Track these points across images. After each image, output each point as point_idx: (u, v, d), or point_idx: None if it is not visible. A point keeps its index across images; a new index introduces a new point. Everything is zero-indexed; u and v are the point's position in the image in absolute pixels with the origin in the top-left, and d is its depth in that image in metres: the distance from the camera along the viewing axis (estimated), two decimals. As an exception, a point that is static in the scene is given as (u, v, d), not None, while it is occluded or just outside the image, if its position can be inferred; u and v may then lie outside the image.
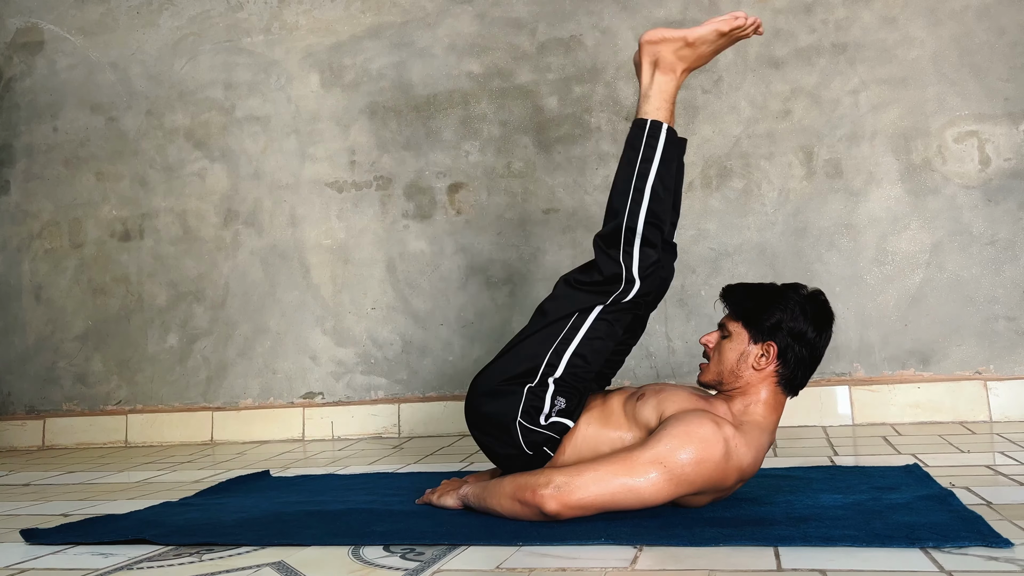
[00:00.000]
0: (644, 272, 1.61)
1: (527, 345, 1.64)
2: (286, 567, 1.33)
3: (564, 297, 1.66)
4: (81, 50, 3.49)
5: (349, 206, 3.16)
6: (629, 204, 1.61)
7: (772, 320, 1.53)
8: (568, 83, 2.98)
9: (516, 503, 1.46)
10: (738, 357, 1.55)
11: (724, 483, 1.45)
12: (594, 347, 1.62)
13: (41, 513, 1.95)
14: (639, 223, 1.60)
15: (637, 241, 1.60)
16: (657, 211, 1.61)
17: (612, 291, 1.62)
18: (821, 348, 1.55)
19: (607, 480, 1.40)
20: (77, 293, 3.42)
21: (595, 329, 1.62)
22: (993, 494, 1.58)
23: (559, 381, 1.60)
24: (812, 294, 1.57)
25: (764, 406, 1.54)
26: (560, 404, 1.60)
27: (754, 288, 1.61)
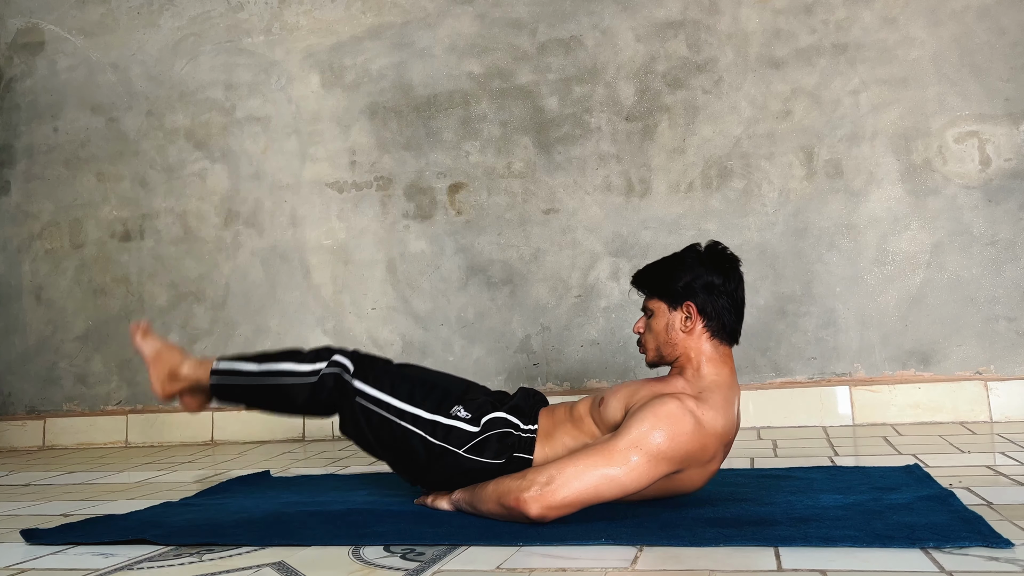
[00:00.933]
0: (314, 357, 1.76)
1: (396, 447, 1.68)
2: (286, 567, 1.33)
3: (346, 420, 1.74)
4: (82, 51, 3.49)
5: (349, 206, 3.16)
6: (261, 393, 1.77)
7: (680, 283, 1.59)
8: (568, 83, 2.98)
9: (501, 508, 1.48)
10: (665, 328, 1.60)
11: (704, 453, 1.48)
12: (402, 387, 1.70)
13: (41, 513, 1.95)
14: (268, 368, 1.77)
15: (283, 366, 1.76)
16: (264, 357, 1.79)
17: (341, 380, 1.72)
18: (736, 290, 1.61)
19: (587, 473, 1.42)
20: (77, 293, 3.42)
21: (382, 384, 1.71)
22: (993, 494, 1.58)
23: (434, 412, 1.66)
24: (708, 246, 1.63)
25: (711, 363, 1.58)
26: (459, 409, 1.66)
27: (655, 264, 1.67)
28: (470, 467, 1.61)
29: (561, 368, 2.92)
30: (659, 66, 2.90)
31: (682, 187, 2.86)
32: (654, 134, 2.89)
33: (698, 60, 2.87)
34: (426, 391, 1.70)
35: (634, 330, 1.67)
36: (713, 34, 2.86)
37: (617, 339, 2.88)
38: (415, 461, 1.66)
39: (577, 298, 2.93)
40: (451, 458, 1.62)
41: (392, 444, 1.67)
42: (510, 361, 2.97)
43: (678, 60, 2.89)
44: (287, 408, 1.79)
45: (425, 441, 1.64)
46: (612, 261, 2.90)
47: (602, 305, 2.90)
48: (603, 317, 2.90)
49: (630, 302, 2.88)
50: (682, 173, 2.86)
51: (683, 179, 2.86)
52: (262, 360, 1.79)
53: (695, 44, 2.88)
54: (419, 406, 1.67)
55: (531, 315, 2.96)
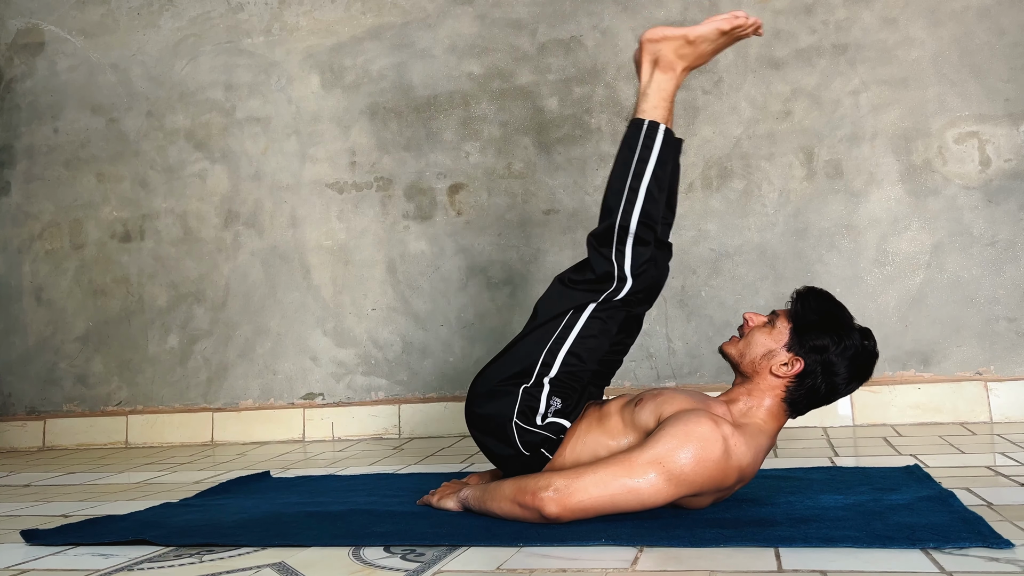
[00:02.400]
0: (636, 270, 1.61)
1: (522, 345, 1.65)
2: (286, 568, 1.33)
3: (557, 296, 1.67)
4: (82, 51, 3.49)
5: (350, 207, 3.16)
6: (623, 203, 1.62)
7: (819, 342, 1.50)
8: (568, 84, 2.98)
9: (516, 506, 1.46)
10: (765, 352, 1.53)
11: (724, 483, 1.44)
12: (588, 346, 1.62)
13: (41, 514, 1.95)
14: (632, 222, 1.61)
15: (630, 240, 1.61)
16: (651, 211, 1.62)
17: (604, 289, 1.62)
18: (841, 393, 1.54)
19: (607, 482, 1.40)
20: (78, 294, 3.42)
21: (589, 328, 1.62)
22: (994, 495, 1.58)
23: (554, 381, 1.61)
24: (870, 347, 1.53)
25: (766, 412, 1.53)
26: (556, 404, 1.60)
27: (828, 306, 1.56)
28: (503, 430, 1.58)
29: (561, 369, 2.92)
30: (659, 67, 2.90)
31: (682, 187, 2.85)
32: (654, 135, 2.89)
33: (698, 61, 2.87)
34: (580, 372, 1.62)
35: (745, 316, 1.59)
36: (713, 35, 2.86)
37: (617, 340, 2.87)
38: (503, 368, 1.63)
39: (577, 299, 2.92)
40: (508, 409, 1.59)
41: (527, 339, 1.64)
42: (510, 362, 2.97)
43: (678, 61, 2.88)
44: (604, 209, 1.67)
45: (523, 376, 1.60)
46: (612, 262, 2.90)
47: (602, 306, 2.90)
48: (603, 318, 2.89)
49: (630, 303, 2.88)
50: (682, 173, 2.86)
51: (683, 179, 2.86)
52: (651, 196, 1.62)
53: (695, 45, 2.87)
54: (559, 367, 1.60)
55: (531, 316, 2.96)
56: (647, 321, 2.83)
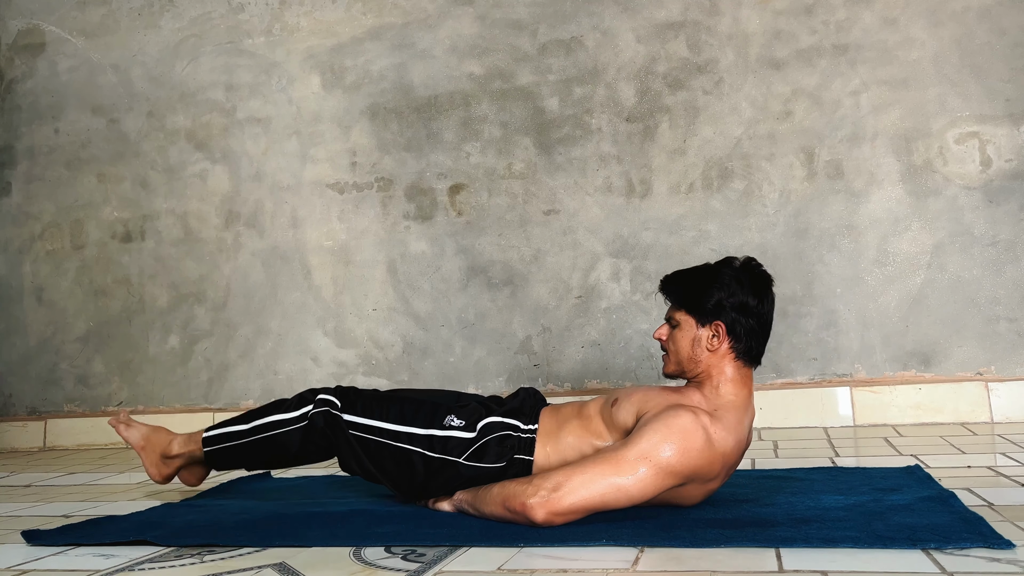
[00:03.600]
0: (298, 403, 1.77)
1: (397, 470, 1.69)
2: (287, 568, 1.33)
3: (344, 455, 1.74)
4: (82, 52, 3.49)
5: (350, 207, 3.16)
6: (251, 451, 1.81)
7: (712, 300, 1.55)
8: (569, 84, 2.98)
9: (506, 511, 1.47)
10: (691, 343, 1.56)
11: (710, 471, 1.47)
12: (391, 411, 1.70)
13: (42, 514, 1.95)
14: (253, 424, 1.79)
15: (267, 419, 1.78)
16: (243, 419, 1.81)
17: (329, 415, 1.74)
18: (768, 313, 1.57)
19: (595, 482, 1.41)
20: (78, 294, 3.42)
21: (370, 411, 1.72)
22: (994, 495, 1.58)
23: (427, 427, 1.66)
24: (744, 263, 1.58)
25: (732, 383, 1.55)
26: (452, 419, 1.66)
27: (688, 273, 1.63)
28: (472, 474, 1.62)
29: (562, 369, 2.92)
30: (660, 67, 2.90)
31: (683, 188, 2.86)
32: (655, 135, 2.89)
33: (699, 61, 2.88)
34: (415, 408, 1.70)
35: (655, 337, 1.64)
36: (713, 35, 2.86)
37: (618, 340, 2.88)
38: (416, 479, 1.66)
39: (578, 299, 2.93)
40: (452, 469, 1.63)
41: (393, 468, 1.68)
42: (511, 362, 2.97)
43: (679, 61, 2.89)
44: (285, 458, 1.81)
45: (424, 457, 1.64)
46: (613, 262, 2.90)
47: (603, 306, 2.90)
48: (604, 318, 2.90)
49: (631, 303, 2.88)
50: (683, 174, 2.86)
51: (684, 180, 2.86)
52: (249, 418, 1.81)
53: (695, 45, 2.88)
54: (411, 424, 1.67)
55: (532, 316, 2.96)
56: (647, 321, 2.84)
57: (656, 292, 1.67)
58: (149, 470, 1.94)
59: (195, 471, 1.97)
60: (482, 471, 1.61)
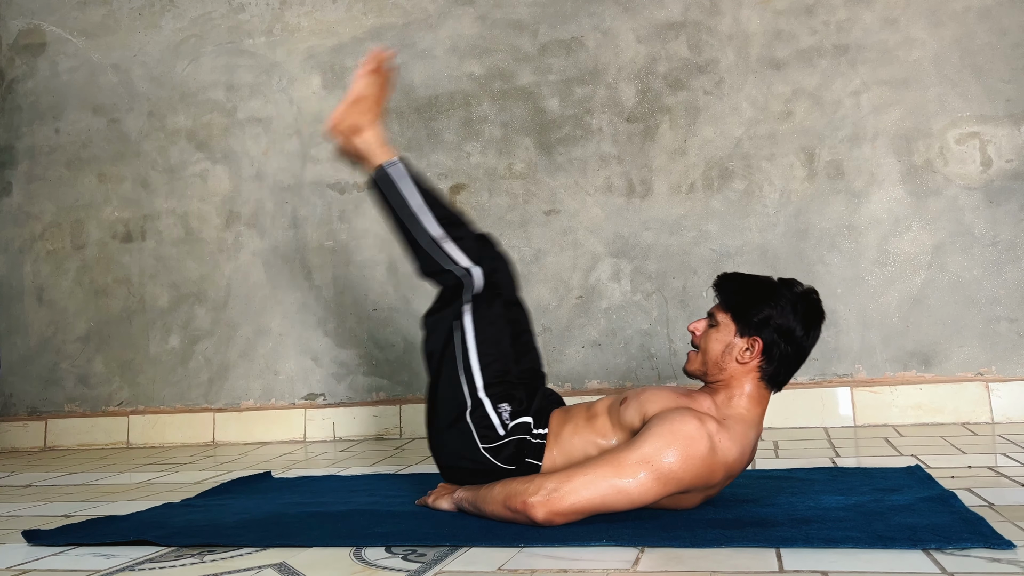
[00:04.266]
0: (473, 257, 1.69)
1: (441, 388, 1.68)
2: (288, 568, 1.33)
3: (433, 327, 1.73)
4: (83, 52, 3.50)
5: (351, 207, 3.16)
6: (415, 230, 1.72)
7: (761, 315, 1.52)
8: (569, 84, 2.98)
9: (507, 510, 1.47)
10: (723, 348, 1.54)
11: (712, 479, 1.45)
12: (491, 343, 1.67)
13: (43, 514, 1.96)
14: (435, 232, 1.70)
15: (446, 243, 1.70)
16: (442, 214, 1.72)
17: (463, 290, 1.68)
18: (808, 347, 1.55)
19: (596, 483, 1.41)
20: (79, 294, 3.42)
21: (478, 329, 1.67)
22: (995, 495, 1.58)
23: (488, 390, 1.64)
24: (805, 292, 1.55)
25: (747, 399, 1.54)
26: (505, 409, 1.63)
27: (748, 280, 1.59)
28: (480, 462, 1.61)
29: (562, 369, 2.92)
30: (660, 67, 2.90)
31: (683, 188, 2.86)
32: (655, 135, 2.89)
33: (699, 61, 2.88)
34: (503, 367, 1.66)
35: (690, 328, 1.60)
36: (714, 35, 2.86)
37: (618, 340, 2.88)
38: (440, 418, 1.66)
39: (578, 299, 2.93)
40: (470, 444, 1.61)
41: (440, 382, 1.67)
42: (511, 362, 2.97)
43: (679, 61, 2.89)
44: (410, 252, 1.75)
45: (461, 410, 1.63)
46: (613, 262, 2.90)
47: (603, 306, 2.90)
48: (604, 318, 2.90)
49: (631, 303, 2.88)
50: (683, 174, 2.86)
51: (684, 180, 2.86)
52: (432, 204, 1.72)
53: (696, 45, 2.88)
54: (482, 376, 1.64)
55: (532, 316, 2.95)
56: (648, 321, 2.84)
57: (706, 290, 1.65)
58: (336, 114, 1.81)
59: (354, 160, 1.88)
60: (491, 467, 1.60)
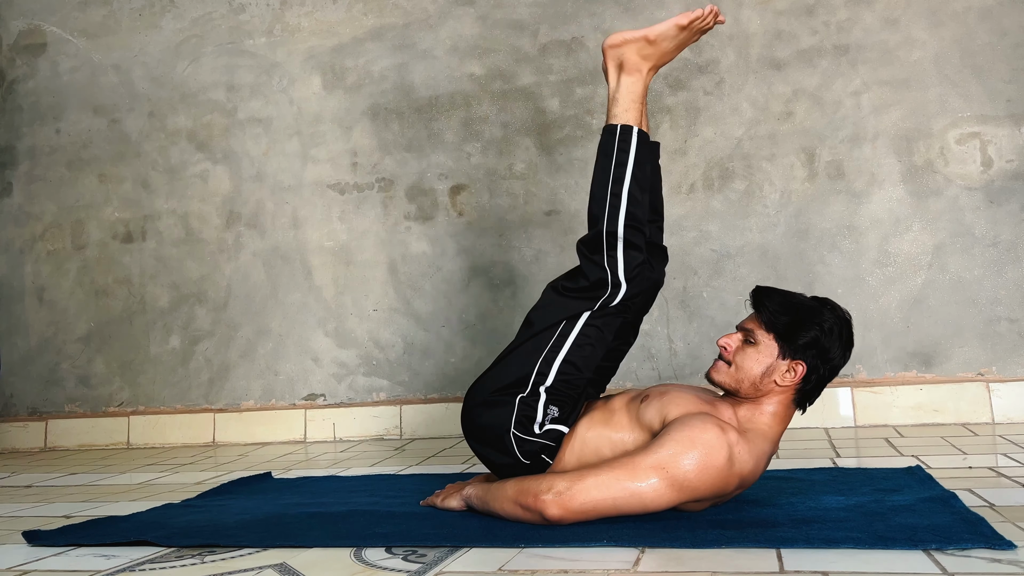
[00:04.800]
0: (630, 274, 1.61)
1: (517, 355, 1.65)
2: (288, 568, 1.33)
3: (551, 305, 1.67)
4: (84, 52, 3.50)
5: (351, 208, 3.16)
6: (608, 209, 1.62)
7: (807, 338, 1.49)
8: (570, 85, 2.98)
9: (518, 507, 1.46)
10: (764, 370, 1.50)
11: (725, 489, 1.44)
12: (584, 354, 1.62)
13: (43, 515, 1.96)
14: (619, 227, 1.61)
15: (620, 245, 1.61)
16: (636, 214, 1.63)
17: (599, 296, 1.62)
18: (839, 370, 1.54)
19: (609, 485, 1.40)
20: (79, 295, 3.42)
21: (584, 336, 1.62)
22: (996, 496, 1.57)
23: (550, 390, 1.61)
24: (847, 318, 1.53)
25: (772, 417, 1.52)
26: (553, 413, 1.60)
27: (791, 300, 1.54)
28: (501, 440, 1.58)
29: (563, 369, 2.92)
30: (660, 67, 2.90)
31: (684, 188, 2.86)
32: (655, 135, 2.89)
33: (699, 61, 2.87)
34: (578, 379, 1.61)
35: (721, 343, 1.55)
36: (714, 35, 2.86)
37: (619, 340, 2.87)
38: (496, 380, 1.63)
39: (579, 299, 2.92)
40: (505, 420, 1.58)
41: (518, 351, 1.64)
42: (512, 362, 2.97)
43: (679, 61, 2.89)
44: (589, 218, 1.68)
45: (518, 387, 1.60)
46: (614, 262, 2.90)
47: (604, 306, 2.90)
48: (605, 318, 2.89)
49: (632, 303, 2.88)
50: (684, 174, 2.86)
51: (685, 180, 2.86)
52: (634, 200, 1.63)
53: (696, 45, 2.88)
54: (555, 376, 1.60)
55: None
56: (648, 322, 2.83)
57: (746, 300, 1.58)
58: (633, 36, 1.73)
59: None
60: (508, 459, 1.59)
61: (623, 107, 1.68)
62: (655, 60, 1.71)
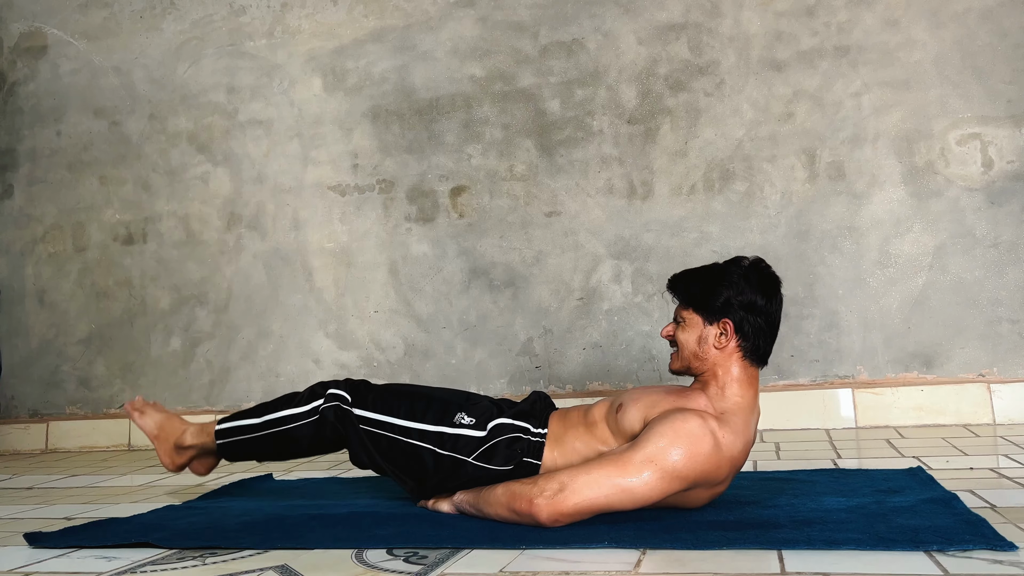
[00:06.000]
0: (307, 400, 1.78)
1: (401, 464, 1.70)
2: (289, 570, 1.33)
3: (352, 450, 1.76)
4: (84, 54, 3.50)
5: (352, 209, 3.17)
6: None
7: (720, 299, 1.55)
8: (570, 86, 2.98)
9: (511, 512, 1.47)
10: (697, 341, 1.56)
11: (717, 475, 1.47)
12: (391, 403, 1.72)
13: (44, 516, 1.96)
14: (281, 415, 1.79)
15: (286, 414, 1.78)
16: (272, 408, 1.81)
17: (332, 419, 1.75)
18: (776, 313, 1.57)
19: (600, 483, 1.41)
20: (80, 297, 3.42)
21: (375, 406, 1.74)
22: (997, 497, 1.57)
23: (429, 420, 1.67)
24: (753, 263, 1.58)
25: (738, 384, 1.55)
26: (463, 417, 1.66)
27: (696, 272, 1.63)
28: (480, 475, 1.61)
29: (563, 371, 2.92)
30: (661, 69, 2.91)
31: (684, 189, 2.86)
32: (656, 137, 2.89)
33: (700, 63, 2.88)
34: (425, 405, 1.71)
35: (662, 335, 1.64)
36: (715, 37, 2.86)
37: (619, 341, 2.88)
38: (426, 476, 1.66)
39: (579, 301, 2.93)
40: (461, 468, 1.62)
41: (404, 463, 1.68)
42: (512, 364, 2.97)
43: (680, 63, 2.89)
44: (295, 451, 1.82)
45: (434, 454, 1.64)
46: (614, 263, 2.90)
47: (604, 308, 2.90)
48: (605, 320, 2.90)
49: (632, 305, 2.88)
50: (684, 176, 2.86)
51: (685, 181, 2.86)
52: (261, 412, 1.82)
53: (697, 47, 2.88)
54: (421, 420, 1.68)
55: (533, 318, 2.96)
56: (649, 323, 2.84)
57: (663, 292, 1.67)
58: (163, 459, 1.97)
59: (205, 462, 2.00)
60: (490, 472, 1.60)
61: None
62: (167, 440, 1.98)
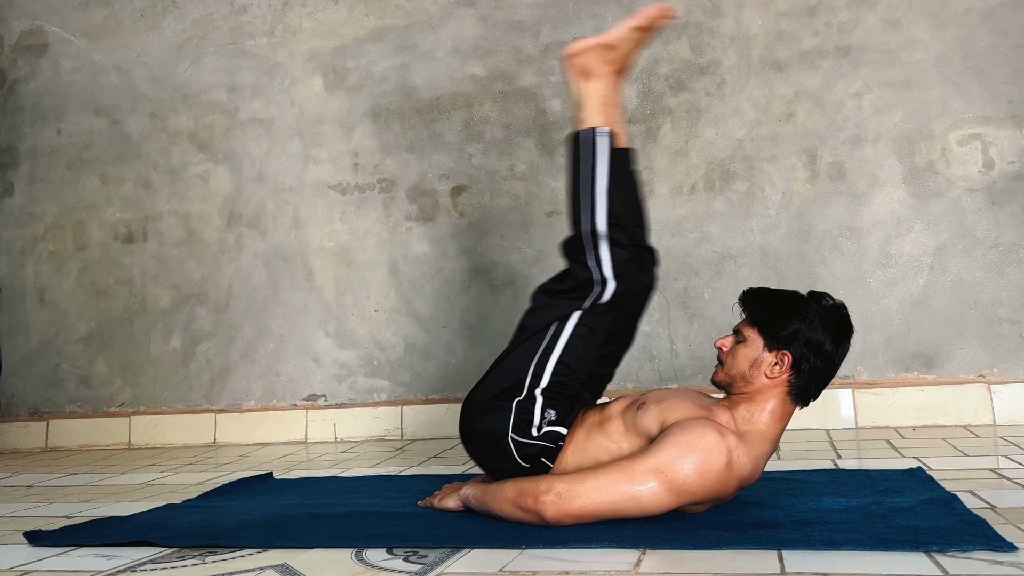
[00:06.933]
0: (617, 271, 1.62)
1: (511, 360, 1.66)
2: (289, 569, 1.33)
3: (543, 308, 1.68)
4: (85, 53, 3.50)
5: (352, 208, 3.17)
6: (586, 209, 1.64)
7: (789, 329, 1.50)
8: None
9: (517, 508, 1.46)
10: (751, 363, 1.52)
11: (724, 492, 1.45)
12: (577, 354, 1.63)
13: (44, 515, 1.96)
14: (600, 225, 1.63)
15: (603, 243, 1.63)
16: (617, 211, 1.64)
17: (587, 295, 1.64)
18: (837, 361, 1.53)
19: (608, 488, 1.40)
20: (80, 295, 3.42)
21: (576, 336, 1.63)
22: (997, 498, 1.57)
23: (547, 392, 1.61)
24: (835, 305, 1.54)
25: (770, 415, 1.52)
26: (550, 415, 1.61)
27: (774, 294, 1.57)
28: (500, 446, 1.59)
29: (563, 370, 2.92)
30: (662, 68, 2.90)
31: (685, 189, 2.86)
32: (657, 136, 2.89)
33: (701, 62, 2.88)
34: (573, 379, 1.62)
35: (716, 345, 1.59)
36: (716, 36, 2.86)
37: (620, 341, 2.87)
38: (492, 384, 1.63)
39: (580, 300, 2.92)
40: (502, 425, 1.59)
41: (512, 355, 1.65)
42: (512, 363, 2.97)
43: (681, 62, 2.89)
44: (569, 222, 1.69)
45: (514, 392, 1.61)
46: (615, 263, 2.90)
47: (605, 307, 2.90)
48: (606, 319, 2.89)
49: (633, 304, 2.88)
50: (685, 175, 2.86)
51: (686, 181, 2.86)
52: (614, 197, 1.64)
53: (698, 46, 2.88)
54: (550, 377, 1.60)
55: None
56: (649, 323, 2.83)
57: (735, 304, 1.59)
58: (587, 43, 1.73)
59: None
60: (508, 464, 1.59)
61: (589, 111, 1.71)
62: (617, 64, 1.73)
